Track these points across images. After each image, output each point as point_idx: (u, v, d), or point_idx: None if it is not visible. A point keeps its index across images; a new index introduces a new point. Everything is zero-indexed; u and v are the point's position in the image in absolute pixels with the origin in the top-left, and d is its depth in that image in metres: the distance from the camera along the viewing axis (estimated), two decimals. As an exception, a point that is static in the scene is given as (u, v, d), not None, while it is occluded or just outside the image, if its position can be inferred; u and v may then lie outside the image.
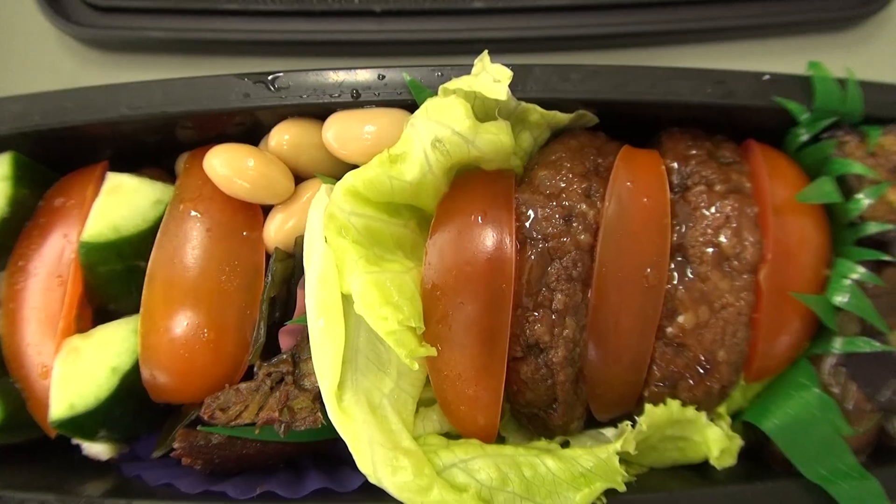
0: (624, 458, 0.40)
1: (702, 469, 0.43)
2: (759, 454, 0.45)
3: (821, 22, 0.61)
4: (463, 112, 0.39)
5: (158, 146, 0.46)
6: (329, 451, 0.47)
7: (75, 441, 0.44)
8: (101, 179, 0.43)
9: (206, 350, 0.40)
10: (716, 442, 0.41)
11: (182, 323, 0.40)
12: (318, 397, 0.40)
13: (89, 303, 0.44)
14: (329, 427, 0.41)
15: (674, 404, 0.41)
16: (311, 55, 0.57)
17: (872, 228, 0.42)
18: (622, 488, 0.39)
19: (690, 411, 0.41)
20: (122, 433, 0.44)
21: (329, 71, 0.41)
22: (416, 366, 0.37)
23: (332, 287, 0.38)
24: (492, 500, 0.38)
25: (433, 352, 0.39)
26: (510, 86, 0.40)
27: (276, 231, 0.42)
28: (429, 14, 0.58)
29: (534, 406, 0.43)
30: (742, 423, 0.45)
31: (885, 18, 0.62)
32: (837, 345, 0.42)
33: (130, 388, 0.41)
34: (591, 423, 0.45)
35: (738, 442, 0.42)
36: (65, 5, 0.57)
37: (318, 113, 0.42)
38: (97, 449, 0.44)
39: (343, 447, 0.42)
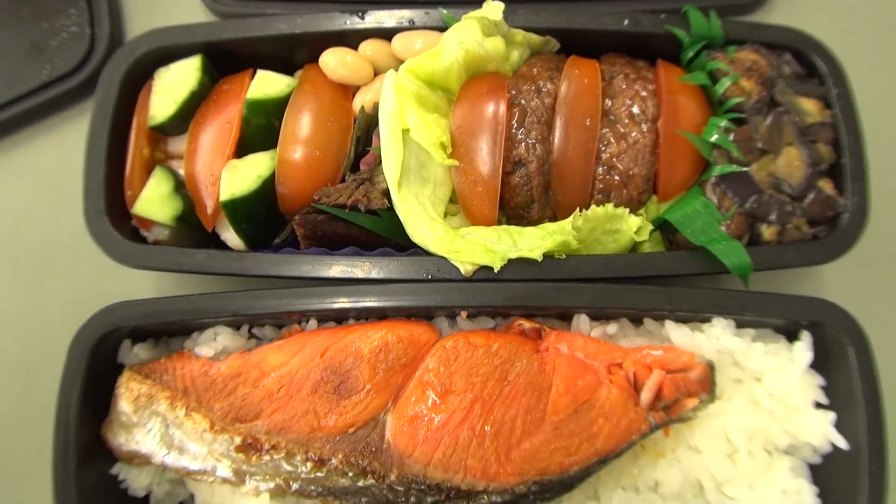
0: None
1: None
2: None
3: (723, 7, 0.92)
4: (476, 27, 0.70)
5: (284, 64, 0.77)
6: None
7: (223, 237, 0.72)
8: (252, 76, 0.74)
9: (317, 165, 0.69)
10: (635, 223, 0.67)
11: (303, 149, 0.69)
12: (385, 193, 0.68)
13: (235, 154, 0.73)
14: (386, 226, 0.69)
15: (609, 205, 0.68)
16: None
17: (733, 101, 0.71)
18: (574, 244, 0.65)
19: (620, 209, 0.68)
20: (254, 232, 0.71)
21: (397, 9, 0.73)
22: (447, 162, 0.65)
23: (396, 123, 0.67)
24: (492, 249, 0.65)
25: (456, 163, 0.67)
26: (504, 17, 0.71)
27: (361, 101, 0.72)
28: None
29: (519, 208, 0.70)
30: (661, 233, 0.72)
31: (776, 3, 0.93)
32: (714, 171, 0.69)
33: (267, 191, 0.70)
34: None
35: (650, 226, 0.68)
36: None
37: (388, 35, 0.74)
38: (236, 241, 0.71)
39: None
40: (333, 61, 0.72)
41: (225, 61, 0.76)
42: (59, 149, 0.87)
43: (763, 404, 0.67)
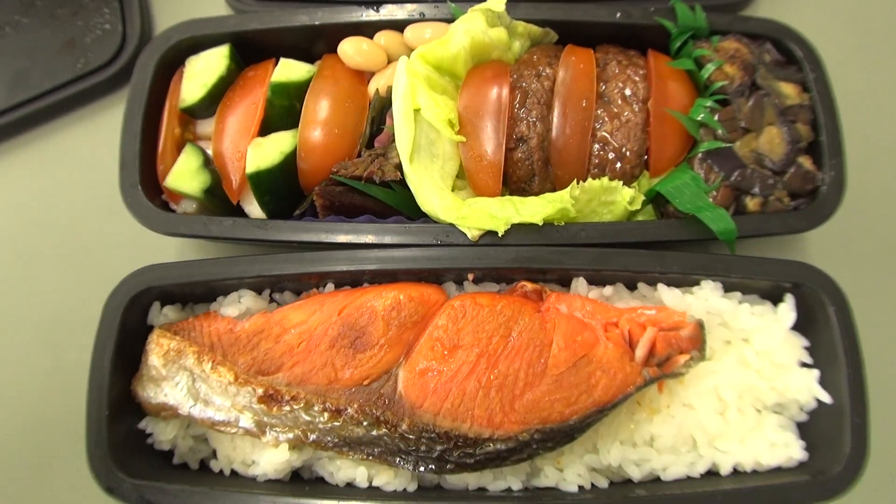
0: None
1: (626, 223, 0.76)
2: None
3: (708, 7, 0.99)
4: (482, 18, 0.77)
5: (304, 56, 0.84)
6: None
7: (247, 210, 0.78)
8: (275, 65, 0.81)
9: (335, 141, 0.76)
10: (628, 193, 0.73)
11: (323, 128, 0.76)
12: (398, 167, 0.74)
13: (260, 133, 0.80)
14: (398, 199, 0.75)
15: (604, 179, 0.74)
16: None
17: (717, 85, 0.77)
18: (573, 213, 0.71)
19: (615, 182, 0.74)
20: (276, 205, 0.78)
21: (409, 3, 0.81)
22: (456, 138, 0.72)
23: (408, 103, 0.74)
24: (496, 216, 0.71)
25: (463, 139, 0.74)
26: (506, 10, 0.78)
27: (376, 85, 0.79)
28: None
29: (522, 181, 0.76)
30: (653, 206, 0.78)
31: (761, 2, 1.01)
32: (701, 147, 0.75)
33: (289, 166, 0.76)
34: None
35: (642, 196, 0.74)
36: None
37: (401, 26, 0.81)
38: (259, 213, 0.78)
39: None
40: (351, 49, 0.79)
41: (250, 52, 0.84)
42: (92, 135, 0.94)
43: (751, 363, 0.72)
